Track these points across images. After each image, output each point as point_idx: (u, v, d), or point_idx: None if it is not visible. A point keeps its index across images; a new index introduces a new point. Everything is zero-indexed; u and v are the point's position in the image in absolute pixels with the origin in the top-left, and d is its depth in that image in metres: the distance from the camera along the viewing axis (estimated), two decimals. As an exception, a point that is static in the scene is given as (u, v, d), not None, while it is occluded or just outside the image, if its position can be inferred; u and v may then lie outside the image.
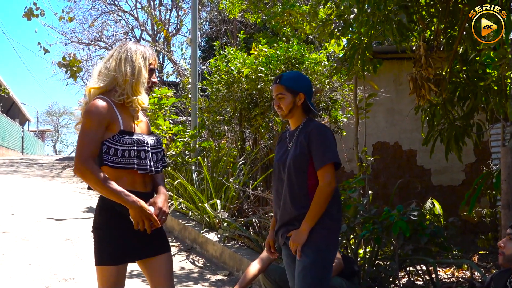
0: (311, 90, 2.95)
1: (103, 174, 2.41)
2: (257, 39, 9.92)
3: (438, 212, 5.46)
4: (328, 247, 2.76)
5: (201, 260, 6.00)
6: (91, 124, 2.45)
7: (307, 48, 7.25)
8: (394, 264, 4.28)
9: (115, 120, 2.50)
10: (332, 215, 2.77)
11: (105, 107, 2.48)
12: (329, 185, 2.71)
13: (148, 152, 2.55)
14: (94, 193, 11.12)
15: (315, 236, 2.72)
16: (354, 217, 4.51)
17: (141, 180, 2.58)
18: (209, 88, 7.73)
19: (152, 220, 2.47)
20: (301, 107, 2.89)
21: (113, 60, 2.59)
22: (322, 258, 2.73)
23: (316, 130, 2.79)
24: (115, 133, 2.49)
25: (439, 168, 8.37)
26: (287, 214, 2.84)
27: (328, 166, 2.73)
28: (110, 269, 2.47)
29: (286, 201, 2.84)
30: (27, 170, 15.59)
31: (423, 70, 4.33)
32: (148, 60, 2.63)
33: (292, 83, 2.88)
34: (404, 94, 8.40)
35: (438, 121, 4.67)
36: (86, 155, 2.42)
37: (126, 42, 2.69)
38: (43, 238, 6.69)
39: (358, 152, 5.49)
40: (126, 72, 2.54)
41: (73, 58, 13.52)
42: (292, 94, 2.87)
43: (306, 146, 2.78)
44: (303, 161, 2.79)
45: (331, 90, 7.00)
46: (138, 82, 2.57)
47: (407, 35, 4.73)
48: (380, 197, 8.12)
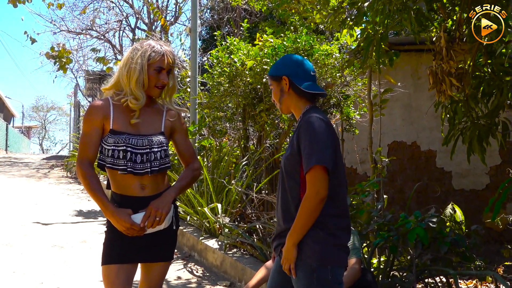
0: (299, 67, 2.70)
1: (93, 179, 2.64)
2: (262, 29, 9.91)
3: (459, 219, 5.44)
4: (324, 265, 2.48)
5: (200, 269, 6.00)
6: (85, 126, 2.71)
7: (317, 38, 7.24)
8: (411, 275, 4.26)
9: (108, 119, 2.69)
10: (326, 226, 2.50)
11: (97, 108, 2.71)
12: (316, 194, 2.42)
13: (128, 152, 2.66)
14: (84, 195, 11.17)
15: (305, 253, 2.50)
16: (367, 224, 4.50)
17: (136, 182, 2.70)
18: (209, 81, 7.73)
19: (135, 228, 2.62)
20: (294, 93, 2.67)
21: (122, 61, 2.79)
22: (317, 280, 2.47)
23: (305, 124, 2.51)
24: (107, 133, 2.69)
25: (460, 171, 8.35)
26: (278, 225, 2.70)
27: (314, 170, 2.43)
28: (107, 268, 2.74)
29: (278, 211, 2.68)
30: (12, 170, 15.65)
31: (444, 63, 4.32)
32: (151, 59, 2.72)
33: (273, 69, 2.74)
34: (423, 89, 8.39)
35: (460, 119, 4.66)
36: (82, 158, 2.69)
37: (147, 39, 2.83)
38: (29, 244, 6.71)
39: (372, 152, 5.48)
40: (124, 73, 2.73)
41: (63, 48, 13.53)
42: (276, 81, 2.71)
43: (296, 145, 2.54)
44: (294, 163, 2.56)
45: (343, 85, 6.98)
46: (132, 82, 2.70)
47: (427, 24, 4.72)
48: (396, 202, 8.11)
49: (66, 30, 19.20)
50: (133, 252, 2.72)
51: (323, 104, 6.71)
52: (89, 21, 19.02)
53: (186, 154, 2.94)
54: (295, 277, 2.54)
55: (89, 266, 5.85)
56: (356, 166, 8.67)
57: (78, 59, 20.47)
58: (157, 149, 2.73)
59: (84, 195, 11.25)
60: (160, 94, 2.81)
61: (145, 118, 2.77)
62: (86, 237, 7.27)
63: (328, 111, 6.89)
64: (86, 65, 21.21)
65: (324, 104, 6.74)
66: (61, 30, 19.16)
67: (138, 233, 2.64)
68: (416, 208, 5.59)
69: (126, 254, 2.71)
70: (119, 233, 2.67)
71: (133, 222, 2.60)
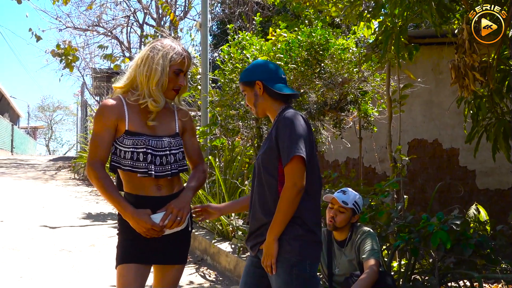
0: (270, 71, 2.88)
1: (107, 180, 2.64)
2: (275, 23, 9.92)
3: (484, 219, 5.41)
4: (303, 261, 2.64)
5: (213, 273, 6.02)
6: (97, 127, 2.70)
7: (333, 32, 7.23)
8: (433, 279, 4.24)
9: (123, 120, 2.70)
10: (304, 222, 2.66)
11: (111, 108, 2.70)
12: (294, 185, 2.58)
13: (149, 155, 2.69)
14: (93, 197, 11.24)
15: (285, 249, 2.64)
16: (387, 225, 4.48)
17: (153, 183, 2.73)
18: (221, 78, 7.74)
19: (155, 229, 2.63)
20: (268, 97, 2.84)
21: (138, 58, 2.78)
22: (297, 276, 2.62)
23: (283, 120, 2.70)
24: (122, 134, 2.69)
25: (485, 169, 8.29)
26: (256, 221, 2.79)
27: (293, 161, 2.59)
28: (123, 268, 2.69)
29: (256, 206, 2.79)
30: (18, 172, 15.80)
31: (467, 57, 4.29)
32: (172, 61, 2.75)
33: (245, 75, 2.90)
34: (444, 84, 8.34)
35: (484, 115, 4.63)
36: (93, 159, 2.67)
37: (160, 39, 2.85)
38: (36, 248, 6.77)
39: (391, 151, 5.46)
40: (143, 72, 2.72)
41: (69, 45, 13.61)
42: (250, 87, 2.87)
43: (274, 140, 2.70)
44: (272, 157, 2.71)
45: (360, 80, 6.97)
46: (152, 83, 2.71)
47: (448, 16, 4.69)
48: (416, 203, 8.08)
49: (72, 27, 19.31)
50: (148, 254, 2.73)
51: (339, 100, 6.70)
52: (96, 17, 19.14)
53: (194, 154, 2.97)
54: (275, 273, 2.65)
55: (98, 271, 5.89)
56: (375, 166, 8.65)
57: (84, 57, 20.62)
58: (176, 151, 2.79)
59: (92, 197, 11.32)
60: (175, 97, 2.85)
61: (160, 119, 2.79)
62: (95, 241, 7.32)
63: (345, 107, 6.87)
64: (93, 63, 21.36)
65: (341, 101, 6.72)
66: (67, 27, 19.28)
67: (157, 234, 2.65)
68: (438, 209, 5.57)
69: (142, 254, 2.72)
70: (134, 234, 2.68)
71: (153, 223, 2.62)
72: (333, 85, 6.54)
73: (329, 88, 6.58)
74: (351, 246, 3.92)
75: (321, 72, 6.59)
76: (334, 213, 3.88)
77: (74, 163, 16.01)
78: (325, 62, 6.60)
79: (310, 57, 6.72)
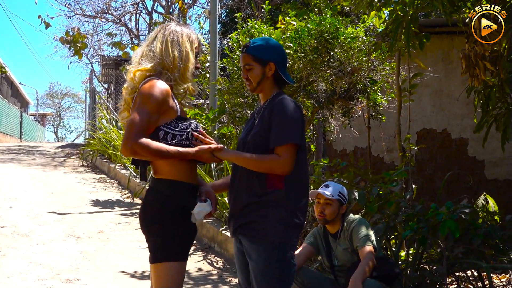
0: (284, 58, 2.92)
1: (156, 143, 2.56)
2: (284, 11, 9.86)
3: (492, 209, 5.40)
4: (284, 244, 2.70)
5: (220, 261, 6.05)
6: (152, 106, 2.59)
7: (343, 21, 7.19)
8: (441, 268, 4.25)
9: (173, 104, 2.67)
10: (289, 208, 2.71)
11: (166, 91, 2.64)
12: (283, 164, 2.65)
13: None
14: (100, 184, 11.28)
15: (268, 231, 2.68)
16: (395, 215, 4.49)
17: (195, 170, 2.74)
18: (230, 66, 7.73)
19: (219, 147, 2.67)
20: (272, 79, 2.86)
21: (158, 43, 2.73)
22: (278, 256, 2.68)
23: (280, 105, 2.74)
24: (172, 119, 2.65)
25: (494, 160, 8.26)
26: (239, 202, 2.79)
27: (286, 147, 2.66)
28: (179, 265, 2.66)
29: (241, 187, 2.79)
30: (27, 159, 15.87)
31: (478, 46, 4.27)
32: (194, 43, 2.78)
33: (260, 52, 2.85)
34: (454, 74, 8.30)
35: (494, 105, 4.61)
36: (140, 134, 2.54)
37: (168, 24, 2.83)
38: (44, 234, 6.81)
39: (400, 140, 5.46)
40: (175, 57, 2.70)
41: (77, 33, 13.60)
42: (261, 65, 2.84)
43: (268, 122, 2.74)
44: (263, 138, 2.73)
45: (369, 69, 6.93)
46: (186, 67, 2.73)
47: (459, 5, 4.66)
48: (425, 192, 8.06)
49: (81, 14, 19.31)
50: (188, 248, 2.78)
51: (348, 89, 6.68)
52: (105, 4, 19.12)
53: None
54: (252, 255, 2.73)
55: (106, 258, 5.93)
56: (383, 155, 8.63)
57: (93, 44, 20.57)
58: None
59: (100, 184, 11.35)
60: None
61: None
62: (103, 228, 7.36)
63: (354, 96, 6.85)
64: (101, 50, 21.32)
65: (350, 90, 6.70)
66: (76, 14, 19.28)
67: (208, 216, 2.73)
68: (447, 199, 5.56)
69: (187, 250, 2.76)
70: (181, 228, 2.67)
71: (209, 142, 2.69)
72: (342, 73, 6.52)
73: (338, 76, 6.55)
74: (343, 236, 4.04)
75: (331, 60, 6.56)
76: (322, 207, 3.98)
77: (83, 150, 16.04)
78: (334, 51, 6.57)
79: (320, 46, 6.69)
